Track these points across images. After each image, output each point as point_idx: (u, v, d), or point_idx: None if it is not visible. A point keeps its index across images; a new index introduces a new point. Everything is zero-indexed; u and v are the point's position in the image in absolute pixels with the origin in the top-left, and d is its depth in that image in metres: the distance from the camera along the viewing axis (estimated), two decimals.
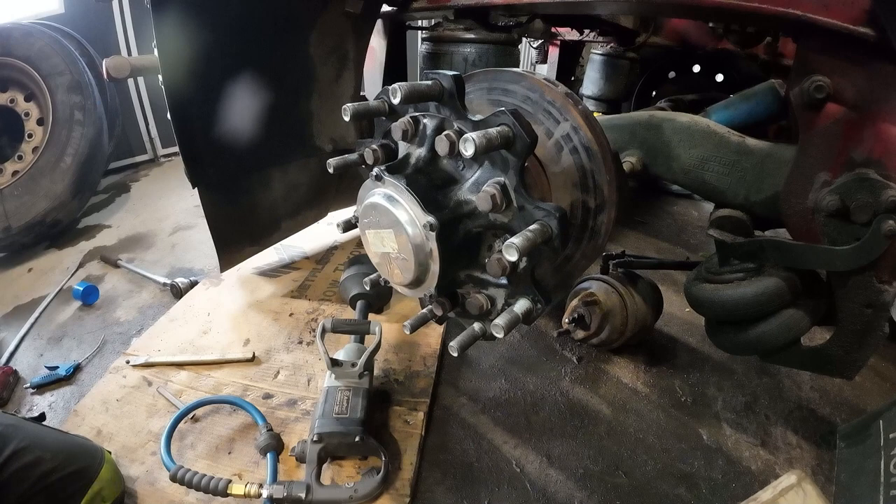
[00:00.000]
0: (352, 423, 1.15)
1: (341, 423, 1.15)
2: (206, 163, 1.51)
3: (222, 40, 1.38)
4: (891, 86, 0.86)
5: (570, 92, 1.00)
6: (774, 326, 1.09)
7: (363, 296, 1.60)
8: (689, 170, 1.22)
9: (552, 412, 1.44)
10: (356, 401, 1.21)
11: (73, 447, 1.01)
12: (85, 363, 1.63)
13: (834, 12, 0.82)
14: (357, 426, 1.15)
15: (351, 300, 1.63)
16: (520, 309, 0.85)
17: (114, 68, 1.51)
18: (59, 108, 2.53)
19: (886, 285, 0.95)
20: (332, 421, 1.16)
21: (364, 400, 1.22)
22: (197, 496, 1.12)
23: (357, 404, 1.20)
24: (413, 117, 0.91)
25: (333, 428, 1.14)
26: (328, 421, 1.16)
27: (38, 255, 2.41)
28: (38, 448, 0.93)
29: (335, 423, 1.15)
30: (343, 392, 1.23)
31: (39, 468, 0.91)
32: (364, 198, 0.94)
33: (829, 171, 0.97)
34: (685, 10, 1.59)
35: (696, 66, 2.82)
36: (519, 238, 0.75)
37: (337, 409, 1.19)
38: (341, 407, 1.19)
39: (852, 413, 1.44)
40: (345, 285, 1.67)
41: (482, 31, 2.48)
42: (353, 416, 1.17)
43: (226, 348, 1.60)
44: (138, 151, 3.83)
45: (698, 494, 1.21)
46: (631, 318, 1.52)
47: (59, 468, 0.93)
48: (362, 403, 1.21)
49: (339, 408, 1.19)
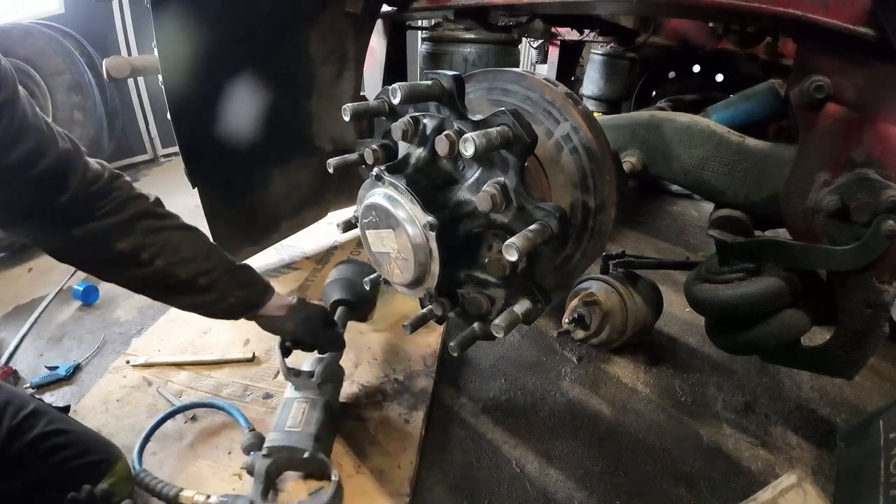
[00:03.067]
0: (303, 438, 1.10)
1: (292, 438, 1.10)
2: (206, 162, 1.51)
3: (222, 40, 1.38)
4: (891, 86, 0.86)
5: (571, 92, 1.00)
6: (774, 326, 1.09)
7: (344, 302, 1.52)
8: (689, 170, 1.22)
9: (552, 412, 1.44)
10: (312, 414, 1.16)
11: (94, 440, 1.03)
12: (85, 363, 1.63)
13: (834, 12, 0.82)
14: (308, 441, 1.09)
15: (331, 306, 1.54)
16: (520, 309, 0.85)
17: (114, 68, 1.51)
18: (59, 108, 2.53)
19: (886, 285, 0.95)
20: (283, 434, 1.11)
21: (321, 413, 1.16)
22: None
23: (313, 418, 1.15)
24: (413, 117, 0.91)
25: (283, 442, 1.09)
26: (279, 434, 1.11)
27: (38, 255, 2.40)
28: (63, 433, 0.95)
29: (286, 437, 1.10)
30: (300, 404, 1.18)
31: (61, 453, 0.93)
32: (364, 198, 0.94)
33: (829, 171, 0.97)
34: (685, 10, 1.59)
35: (696, 66, 2.82)
36: (519, 238, 0.75)
37: (290, 422, 1.14)
38: (295, 420, 1.14)
39: (852, 413, 1.44)
40: (326, 291, 1.61)
41: (482, 31, 2.48)
42: (307, 430, 1.12)
43: (226, 348, 1.60)
44: (138, 151, 3.83)
45: (698, 494, 1.21)
46: (631, 318, 1.52)
47: (80, 456, 0.95)
48: (318, 417, 1.15)
49: (293, 421, 1.14)
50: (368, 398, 1.41)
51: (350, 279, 1.56)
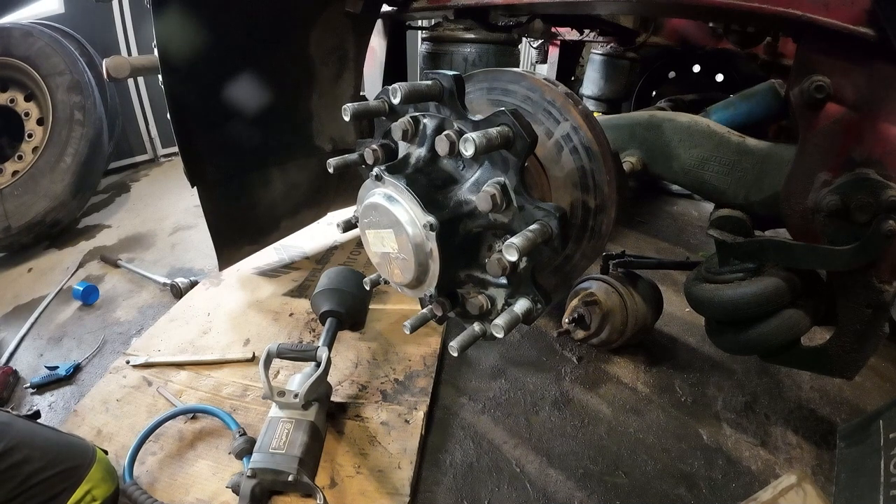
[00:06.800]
0: (287, 460, 1.09)
1: (276, 460, 1.09)
2: (206, 162, 1.51)
3: (222, 40, 1.38)
4: (891, 86, 0.86)
5: (571, 92, 1.00)
6: (774, 326, 1.09)
7: (333, 313, 1.50)
8: (689, 170, 1.22)
9: (552, 412, 1.44)
10: (296, 435, 1.14)
11: (63, 446, 1.01)
12: (85, 363, 1.63)
13: (834, 12, 0.82)
14: (292, 464, 1.08)
15: (321, 317, 1.54)
16: (520, 309, 0.85)
17: (114, 68, 1.51)
18: (59, 108, 2.53)
19: (886, 285, 0.95)
20: (267, 456, 1.10)
21: (305, 435, 1.15)
22: (196, 496, 1.12)
23: (297, 439, 1.13)
24: (413, 117, 0.91)
25: (267, 464, 1.08)
26: (263, 456, 1.10)
27: (38, 255, 2.41)
28: (26, 447, 0.93)
29: (270, 459, 1.09)
30: (285, 424, 1.17)
31: (27, 467, 0.91)
32: (364, 198, 0.94)
33: (829, 171, 0.97)
34: (685, 10, 1.59)
35: (696, 66, 2.82)
36: (519, 238, 0.75)
37: (275, 443, 1.13)
38: (279, 441, 1.13)
39: (852, 413, 1.44)
40: (315, 301, 1.58)
41: (482, 31, 2.48)
42: (290, 452, 1.11)
43: (226, 348, 1.60)
44: (138, 151, 3.83)
45: (698, 494, 1.21)
46: (631, 318, 1.52)
47: (48, 467, 0.93)
48: (302, 439, 1.14)
49: (278, 442, 1.13)
50: (368, 398, 1.41)
51: (340, 289, 1.54)
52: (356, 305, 1.57)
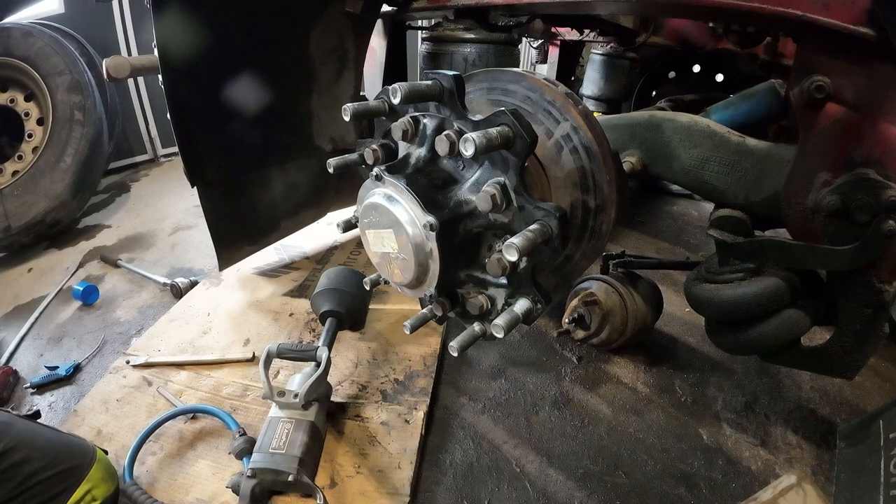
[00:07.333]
0: (287, 461, 1.09)
1: (276, 460, 1.09)
2: (206, 162, 1.51)
3: (222, 40, 1.38)
4: (891, 86, 0.86)
5: (571, 92, 1.00)
6: (774, 326, 1.09)
7: (333, 313, 1.50)
8: (689, 170, 1.22)
9: (552, 412, 1.44)
10: (296, 435, 1.15)
11: (63, 446, 1.01)
12: (85, 363, 1.63)
13: (834, 12, 0.82)
14: (292, 464, 1.08)
15: (321, 317, 1.54)
16: (520, 309, 0.85)
17: (114, 68, 1.51)
18: (59, 108, 2.53)
19: (886, 285, 0.95)
20: (267, 456, 1.10)
21: (305, 435, 1.15)
22: (196, 496, 1.12)
23: (296, 439, 1.14)
24: (413, 117, 0.91)
25: (267, 464, 1.09)
26: (263, 456, 1.11)
27: (38, 255, 2.41)
28: (26, 447, 0.93)
29: (270, 459, 1.10)
30: (284, 424, 1.17)
31: (27, 467, 0.91)
32: (364, 198, 0.94)
33: (829, 171, 0.97)
34: (685, 10, 1.59)
35: (696, 66, 2.82)
36: (519, 238, 0.75)
37: (275, 443, 1.13)
38: (279, 441, 1.13)
39: (852, 413, 1.44)
40: (315, 301, 1.58)
41: (482, 31, 2.48)
42: (290, 452, 1.11)
43: (226, 348, 1.60)
44: (138, 151, 3.83)
45: (698, 494, 1.21)
46: (631, 318, 1.52)
47: (48, 467, 0.93)
48: (302, 439, 1.14)
49: (278, 442, 1.13)
50: (368, 398, 1.41)
51: (340, 289, 1.54)
52: (356, 305, 1.57)
